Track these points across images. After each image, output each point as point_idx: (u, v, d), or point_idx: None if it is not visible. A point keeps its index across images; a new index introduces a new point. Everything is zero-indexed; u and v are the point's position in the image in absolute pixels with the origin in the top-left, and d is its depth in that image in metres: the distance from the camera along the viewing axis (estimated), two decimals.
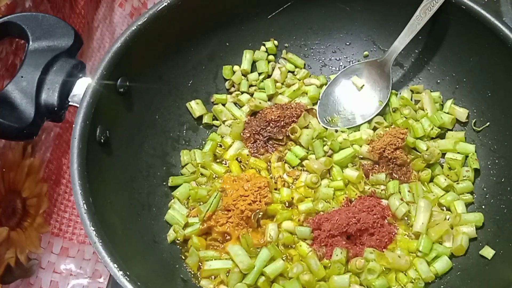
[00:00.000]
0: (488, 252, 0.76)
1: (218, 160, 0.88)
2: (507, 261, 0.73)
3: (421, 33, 0.86)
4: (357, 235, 0.77)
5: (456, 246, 0.77)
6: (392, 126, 0.86)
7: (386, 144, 0.82)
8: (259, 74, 0.93)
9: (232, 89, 0.93)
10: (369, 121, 0.88)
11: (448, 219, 0.79)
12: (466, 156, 0.84)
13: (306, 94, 0.92)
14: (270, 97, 0.92)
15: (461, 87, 0.87)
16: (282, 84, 0.93)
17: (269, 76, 0.93)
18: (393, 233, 0.79)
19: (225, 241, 0.79)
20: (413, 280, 0.75)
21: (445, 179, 0.82)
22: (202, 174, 0.86)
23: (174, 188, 0.84)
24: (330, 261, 0.75)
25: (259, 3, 0.89)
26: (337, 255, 0.75)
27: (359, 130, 0.88)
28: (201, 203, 0.82)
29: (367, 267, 0.74)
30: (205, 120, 0.90)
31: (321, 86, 0.92)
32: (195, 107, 0.89)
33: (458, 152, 0.84)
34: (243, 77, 0.93)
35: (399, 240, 0.78)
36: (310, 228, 0.78)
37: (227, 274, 0.76)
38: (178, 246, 0.80)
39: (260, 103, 0.90)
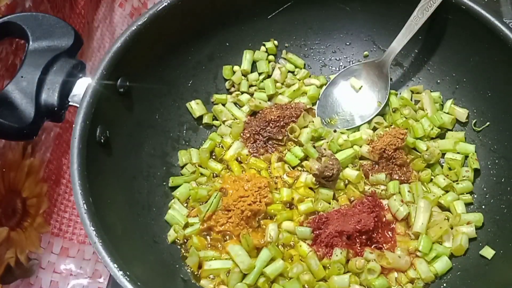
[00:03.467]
0: (488, 252, 0.76)
1: (215, 157, 0.88)
2: (507, 261, 0.73)
3: (420, 33, 0.86)
4: (357, 235, 0.77)
5: (456, 246, 0.77)
6: (392, 126, 0.86)
7: (386, 144, 0.82)
8: (259, 74, 0.93)
9: (232, 89, 0.93)
10: (368, 122, 0.88)
11: (448, 219, 0.79)
12: (466, 156, 0.84)
13: (306, 94, 0.92)
14: (270, 97, 0.92)
15: (461, 87, 0.87)
16: (282, 84, 0.93)
17: (269, 76, 0.93)
18: (393, 234, 0.79)
19: (225, 241, 0.79)
20: (412, 280, 0.75)
21: (444, 179, 0.83)
22: (202, 174, 0.86)
23: (174, 188, 0.84)
24: (330, 261, 0.75)
25: (259, 3, 0.89)
26: (337, 255, 0.75)
27: (359, 130, 0.88)
28: (201, 203, 0.82)
29: (367, 267, 0.74)
30: (205, 120, 0.90)
31: (321, 86, 0.92)
32: (195, 107, 0.89)
33: (458, 152, 0.84)
34: (243, 77, 0.93)
35: (399, 240, 0.78)
36: (310, 228, 0.78)
37: (227, 274, 0.76)
38: (178, 246, 0.80)
39: (260, 103, 0.90)
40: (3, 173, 0.75)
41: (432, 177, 0.84)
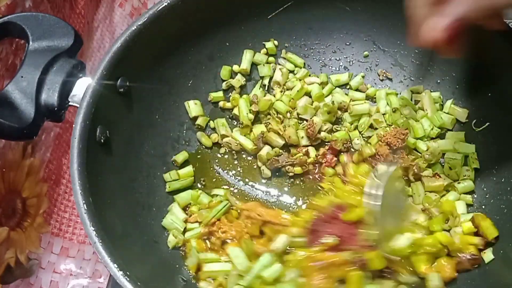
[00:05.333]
0: (488, 252, 0.76)
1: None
2: (507, 262, 0.73)
3: None
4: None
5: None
6: (393, 127, 0.86)
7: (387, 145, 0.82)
8: (262, 78, 0.93)
9: (234, 93, 0.92)
10: None
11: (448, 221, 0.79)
12: (466, 156, 0.84)
13: (309, 96, 0.91)
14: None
15: (461, 87, 0.87)
16: (283, 86, 0.93)
17: (270, 78, 0.93)
18: None
19: (225, 244, 0.79)
20: None
21: (445, 178, 0.82)
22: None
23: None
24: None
25: (259, 3, 0.89)
26: None
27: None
28: (201, 209, 0.82)
29: None
30: (199, 121, 0.89)
31: (321, 84, 0.92)
32: (193, 107, 0.88)
33: (458, 152, 0.84)
34: (243, 81, 0.92)
35: None
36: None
37: (226, 277, 0.75)
38: (178, 246, 0.80)
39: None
40: (3, 173, 0.75)
41: None
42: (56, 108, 0.69)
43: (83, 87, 0.71)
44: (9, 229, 0.75)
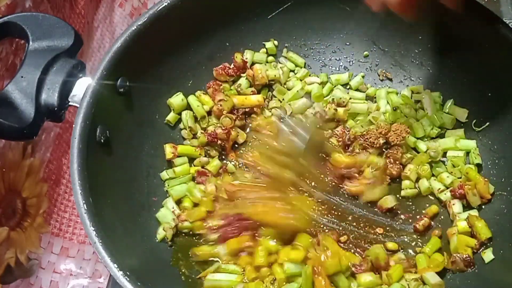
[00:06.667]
0: (488, 252, 0.76)
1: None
2: (507, 262, 0.73)
3: (421, 33, 0.86)
4: None
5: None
6: (395, 124, 0.86)
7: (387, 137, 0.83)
8: None
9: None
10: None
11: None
12: (468, 154, 0.84)
13: (310, 93, 0.91)
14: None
15: (461, 87, 0.87)
16: (284, 85, 0.93)
17: None
18: None
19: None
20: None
21: (448, 176, 0.82)
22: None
23: None
24: None
25: (259, 3, 0.89)
26: None
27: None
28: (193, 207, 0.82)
29: None
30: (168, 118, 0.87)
31: (322, 84, 0.92)
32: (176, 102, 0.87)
33: (460, 149, 0.84)
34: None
35: None
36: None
37: None
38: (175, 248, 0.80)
39: None
40: (3, 173, 0.75)
41: (434, 175, 0.84)
42: (56, 108, 0.69)
43: (83, 87, 0.71)
44: (9, 229, 0.75)
